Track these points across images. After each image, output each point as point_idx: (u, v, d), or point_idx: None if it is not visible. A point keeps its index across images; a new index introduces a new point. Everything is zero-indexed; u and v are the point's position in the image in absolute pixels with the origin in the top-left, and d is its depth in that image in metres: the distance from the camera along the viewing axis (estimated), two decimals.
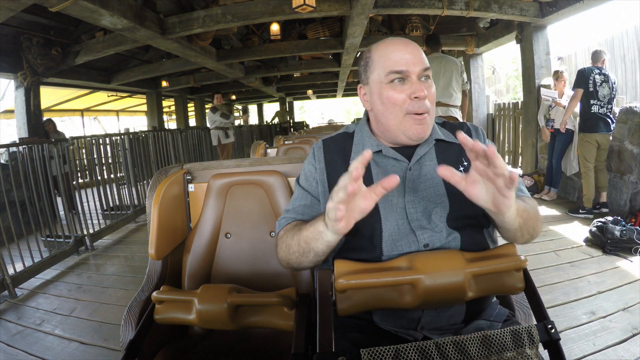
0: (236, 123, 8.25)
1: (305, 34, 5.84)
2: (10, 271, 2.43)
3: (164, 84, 7.82)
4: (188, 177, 1.17)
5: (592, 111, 3.13)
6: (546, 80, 4.40)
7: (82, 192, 3.60)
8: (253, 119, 16.40)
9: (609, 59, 3.29)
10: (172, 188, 1.09)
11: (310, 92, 12.42)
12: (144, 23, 3.80)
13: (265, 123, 13.19)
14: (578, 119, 3.58)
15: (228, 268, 1.12)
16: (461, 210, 0.75)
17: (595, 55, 3.25)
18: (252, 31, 6.10)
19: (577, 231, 2.90)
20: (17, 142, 3.90)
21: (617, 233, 2.43)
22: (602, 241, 2.48)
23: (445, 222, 0.75)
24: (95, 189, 3.80)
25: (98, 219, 3.72)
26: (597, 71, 3.15)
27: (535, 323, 0.66)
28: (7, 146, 3.26)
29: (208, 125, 5.89)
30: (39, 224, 3.01)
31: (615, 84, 3.19)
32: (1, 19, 3.18)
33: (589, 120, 3.18)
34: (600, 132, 3.14)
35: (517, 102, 5.41)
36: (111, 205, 3.90)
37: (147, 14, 3.86)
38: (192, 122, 11.76)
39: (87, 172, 4.84)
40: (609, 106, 3.15)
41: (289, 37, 6.02)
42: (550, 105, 3.72)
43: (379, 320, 0.79)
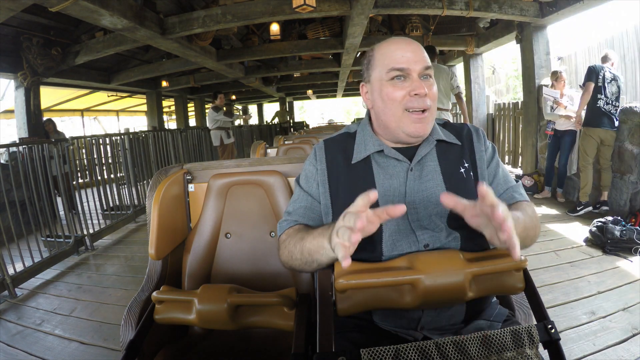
0: (238, 122, 8.24)
1: (305, 34, 5.84)
2: (10, 271, 2.43)
3: (164, 84, 7.82)
4: (188, 177, 1.17)
5: (598, 105, 3.14)
6: (546, 81, 4.40)
7: (82, 192, 3.60)
8: (253, 119, 16.40)
9: (617, 61, 3.31)
10: (172, 188, 1.09)
11: (310, 92, 12.41)
12: (144, 23, 3.80)
13: (265, 123, 13.18)
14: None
15: (228, 268, 1.12)
16: None
17: (604, 58, 3.27)
18: (252, 31, 6.09)
19: (577, 231, 2.90)
20: (17, 142, 3.90)
21: (617, 233, 2.43)
22: (602, 241, 2.48)
23: (446, 222, 0.75)
24: (95, 189, 3.80)
25: (98, 219, 3.72)
26: (607, 69, 3.17)
27: (535, 323, 0.66)
28: (7, 146, 3.26)
29: (208, 125, 5.84)
30: (39, 224, 3.01)
31: (622, 84, 3.22)
32: (1, 19, 3.18)
33: (593, 115, 3.18)
34: (604, 128, 3.15)
35: (517, 102, 5.41)
36: (111, 205, 3.91)
37: (147, 14, 3.86)
38: (192, 122, 11.75)
39: (87, 172, 4.84)
40: (616, 104, 3.16)
41: (289, 37, 6.01)
42: (552, 106, 3.70)
43: (379, 320, 0.79)
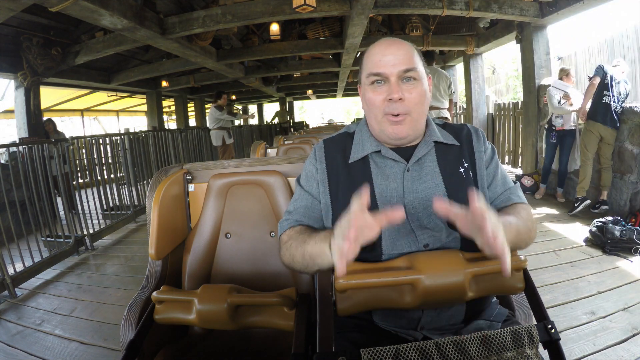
0: (238, 122, 8.23)
1: (305, 34, 5.84)
2: (10, 271, 2.43)
3: (164, 84, 7.81)
4: (188, 177, 1.17)
5: (604, 102, 3.13)
6: (546, 80, 4.40)
7: (82, 192, 3.60)
8: (252, 120, 16.39)
9: (628, 71, 3.34)
10: (172, 188, 1.09)
11: (310, 92, 12.41)
12: (144, 23, 3.80)
13: (265, 123, 13.18)
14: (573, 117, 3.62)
15: (228, 268, 1.12)
16: None
17: (615, 65, 3.28)
18: (252, 31, 6.09)
19: (577, 231, 2.90)
20: (17, 142, 3.90)
21: (617, 233, 2.43)
22: (602, 241, 2.49)
23: (446, 222, 0.75)
24: (95, 189, 3.80)
25: (98, 219, 3.72)
26: (617, 71, 3.18)
27: (535, 323, 0.66)
28: (7, 146, 3.26)
29: (209, 124, 5.83)
30: (39, 224, 3.01)
31: (630, 90, 3.23)
32: (1, 19, 3.17)
33: (597, 110, 3.18)
34: (605, 124, 3.14)
35: (517, 102, 5.41)
36: (111, 205, 3.91)
37: (147, 14, 3.86)
38: (192, 122, 11.75)
39: (87, 172, 4.84)
40: (620, 104, 3.16)
41: (289, 37, 6.01)
42: (559, 100, 3.60)
43: (379, 320, 0.79)
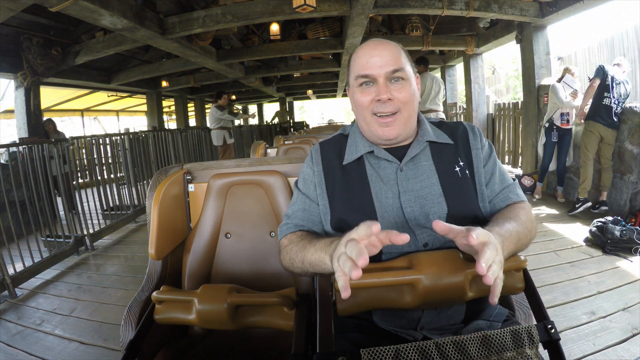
0: (238, 122, 8.24)
1: (305, 34, 5.83)
2: (10, 271, 2.43)
3: (164, 84, 7.81)
4: (188, 177, 1.17)
5: (604, 103, 3.13)
6: (546, 80, 4.40)
7: (82, 192, 3.60)
8: (252, 120, 16.38)
9: (629, 70, 3.32)
10: (172, 188, 1.09)
11: (310, 92, 12.41)
12: (144, 23, 3.80)
13: (265, 123, 13.18)
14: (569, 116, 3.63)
15: (228, 268, 1.12)
16: (460, 211, 0.75)
17: (617, 64, 3.26)
18: (252, 31, 6.09)
19: (577, 231, 2.90)
20: (17, 142, 3.90)
21: (617, 233, 2.43)
22: (602, 241, 2.48)
23: (445, 222, 0.75)
24: (95, 189, 3.80)
25: (98, 219, 3.72)
26: (620, 71, 3.17)
27: (535, 323, 0.66)
28: (7, 146, 3.26)
29: (210, 124, 5.85)
30: (39, 224, 3.01)
31: (630, 91, 3.22)
32: (1, 19, 3.17)
33: (597, 110, 3.17)
34: (605, 125, 3.14)
35: (517, 102, 5.41)
36: (111, 205, 3.90)
37: (147, 14, 3.86)
38: (192, 122, 11.75)
39: (87, 172, 4.84)
40: (621, 105, 3.15)
41: (289, 37, 6.01)
42: (560, 97, 3.56)
43: (379, 320, 0.79)
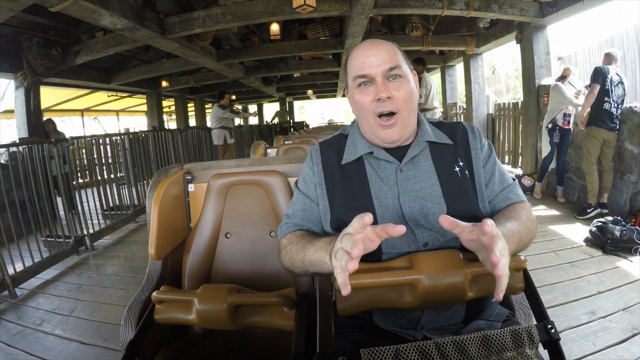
0: (238, 122, 8.25)
1: (305, 34, 5.84)
2: (10, 271, 2.43)
3: (164, 84, 7.81)
4: (188, 177, 1.17)
5: (604, 108, 3.12)
6: (546, 80, 4.40)
7: (82, 192, 3.60)
8: (253, 119, 16.40)
9: (620, 57, 3.28)
10: (172, 188, 1.09)
11: (310, 92, 12.42)
12: (144, 23, 3.80)
13: (265, 123, 13.18)
14: (574, 116, 3.62)
15: (228, 268, 1.12)
16: (460, 211, 0.75)
17: (608, 57, 3.22)
18: (252, 31, 6.09)
19: (577, 231, 2.90)
20: (17, 142, 3.90)
21: (617, 233, 2.43)
22: (602, 241, 2.48)
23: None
24: (95, 189, 3.80)
25: (98, 219, 3.72)
26: (614, 72, 3.14)
27: (535, 323, 0.66)
28: (7, 146, 3.26)
29: (212, 124, 5.90)
30: (39, 224, 3.01)
31: (627, 88, 3.20)
32: (1, 19, 3.17)
33: (599, 116, 3.15)
34: (607, 129, 3.13)
35: (517, 102, 5.41)
36: (111, 205, 3.90)
37: (147, 14, 3.86)
38: (192, 122, 11.75)
39: (87, 172, 4.84)
40: (621, 106, 3.14)
41: (289, 37, 6.01)
42: (568, 97, 3.54)
43: (379, 320, 0.79)
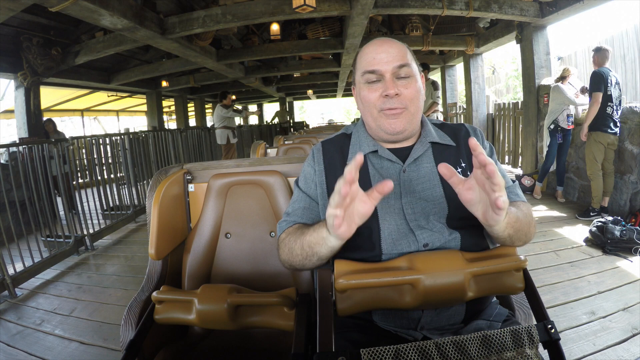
0: (238, 122, 8.28)
1: (305, 34, 5.84)
2: (10, 271, 2.43)
3: (164, 84, 7.82)
4: (188, 177, 1.17)
5: (607, 112, 3.10)
6: (546, 80, 4.40)
7: (82, 192, 3.60)
8: (253, 119, 16.40)
9: (610, 58, 3.24)
10: (172, 188, 1.09)
11: (310, 92, 12.42)
12: (144, 23, 3.80)
13: (265, 123, 13.18)
14: (574, 117, 3.64)
15: (228, 268, 1.12)
16: (460, 211, 0.75)
17: (603, 54, 3.15)
18: (252, 31, 6.09)
19: (577, 231, 2.90)
20: (17, 142, 3.90)
21: (617, 233, 2.43)
22: (602, 241, 2.48)
23: (445, 222, 0.75)
24: (95, 189, 3.80)
25: (98, 219, 3.72)
26: (612, 74, 3.11)
27: (535, 323, 0.66)
28: (7, 146, 3.26)
29: (215, 123, 5.95)
30: (39, 224, 3.01)
31: (621, 86, 3.18)
32: (1, 19, 3.18)
33: (603, 121, 3.12)
34: (612, 133, 3.12)
35: (517, 102, 5.41)
36: (111, 205, 3.90)
37: (147, 14, 3.86)
38: (192, 122, 11.75)
39: (87, 172, 4.84)
40: (620, 107, 3.13)
41: (289, 37, 6.01)
42: (571, 97, 3.55)
43: (379, 320, 0.79)
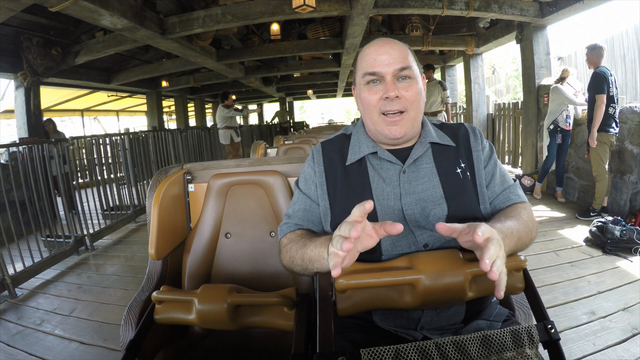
0: (239, 122, 8.31)
1: (305, 34, 5.84)
2: (10, 271, 2.43)
3: (164, 84, 7.82)
4: (188, 177, 1.17)
5: (610, 113, 3.09)
6: (546, 80, 4.40)
7: (82, 192, 3.60)
8: (253, 119, 16.41)
9: (609, 59, 3.23)
10: (172, 188, 1.09)
11: (310, 92, 12.41)
12: (144, 23, 3.80)
13: (265, 123, 13.18)
14: (573, 117, 3.65)
15: (228, 268, 1.12)
16: (460, 212, 0.75)
17: (598, 52, 3.14)
18: (252, 31, 6.09)
19: (577, 231, 2.90)
20: (17, 142, 3.90)
21: (617, 233, 2.43)
22: (602, 241, 2.48)
23: (445, 222, 0.75)
24: (95, 189, 3.80)
25: (98, 219, 3.72)
26: (610, 72, 3.11)
27: (535, 323, 0.66)
28: (7, 146, 3.26)
29: (218, 124, 5.98)
30: (39, 224, 3.01)
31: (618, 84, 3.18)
32: (1, 19, 3.17)
33: (607, 121, 3.11)
34: (615, 133, 3.11)
35: (517, 102, 5.41)
36: (111, 205, 3.90)
37: (147, 14, 3.86)
38: (192, 122, 11.75)
39: (87, 172, 4.84)
40: (618, 106, 3.13)
41: (289, 37, 6.01)
42: (571, 98, 3.55)
43: (379, 320, 0.79)
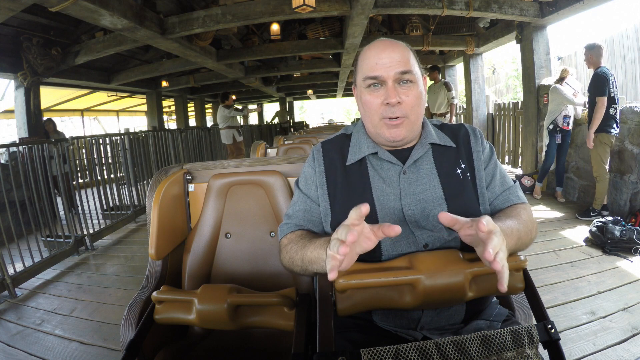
0: (240, 121, 8.32)
1: (305, 34, 5.84)
2: (10, 271, 2.43)
3: (164, 84, 7.82)
4: (188, 177, 1.17)
5: (611, 113, 3.09)
6: (546, 80, 4.40)
7: (82, 192, 3.60)
8: (253, 119, 16.41)
9: (609, 59, 3.23)
10: (172, 188, 1.09)
11: (310, 92, 12.41)
12: (144, 23, 3.80)
13: (265, 123, 13.18)
14: (573, 117, 3.64)
15: (228, 268, 1.12)
16: (460, 213, 0.75)
17: (597, 51, 3.12)
18: (252, 31, 6.09)
19: (577, 231, 2.90)
20: (17, 142, 3.90)
21: (617, 233, 2.43)
22: (602, 241, 2.48)
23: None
24: (95, 189, 3.80)
25: (98, 219, 3.72)
26: (610, 73, 3.10)
27: (535, 323, 0.66)
28: (7, 146, 3.26)
29: (219, 124, 6.02)
30: (39, 224, 3.01)
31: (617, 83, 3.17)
32: (1, 19, 3.17)
33: (607, 122, 3.11)
34: (615, 134, 3.11)
35: (517, 102, 5.41)
36: (111, 205, 3.90)
37: (147, 14, 3.86)
38: (192, 122, 11.76)
39: (87, 172, 4.84)
40: (619, 106, 3.12)
41: (289, 37, 6.02)
42: (570, 98, 3.55)
43: (379, 320, 0.79)
